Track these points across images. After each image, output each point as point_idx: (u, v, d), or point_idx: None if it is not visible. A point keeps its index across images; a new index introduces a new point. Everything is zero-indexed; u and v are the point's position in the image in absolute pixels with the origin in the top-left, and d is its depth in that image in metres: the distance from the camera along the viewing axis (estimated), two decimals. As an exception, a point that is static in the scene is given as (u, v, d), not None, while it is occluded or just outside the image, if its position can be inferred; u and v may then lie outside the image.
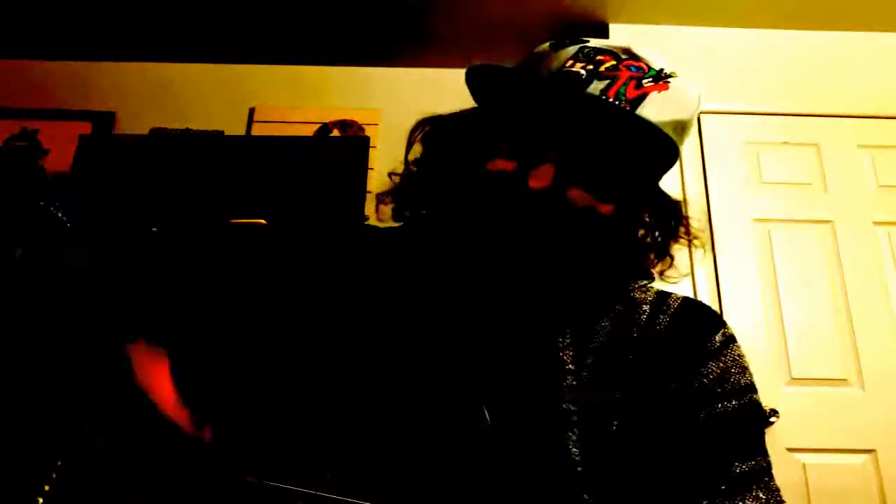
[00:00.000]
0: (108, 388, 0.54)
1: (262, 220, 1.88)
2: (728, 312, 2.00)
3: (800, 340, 1.99)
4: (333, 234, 0.73)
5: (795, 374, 1.96)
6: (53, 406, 0.56)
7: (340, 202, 2.15)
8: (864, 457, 1.87)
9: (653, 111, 0.61)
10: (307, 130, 2.49)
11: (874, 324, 2.00)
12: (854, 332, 1.99)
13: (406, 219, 0.73)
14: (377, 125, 2.49)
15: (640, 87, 0.61)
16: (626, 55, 0.64)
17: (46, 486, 0.51)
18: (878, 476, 1.85)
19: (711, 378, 0.65)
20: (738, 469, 0.62)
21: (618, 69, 0.62)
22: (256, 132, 2.49)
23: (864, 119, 2.26)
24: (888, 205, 2.15)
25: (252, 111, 2.54)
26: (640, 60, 0.63)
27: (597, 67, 0.62)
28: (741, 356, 0.68)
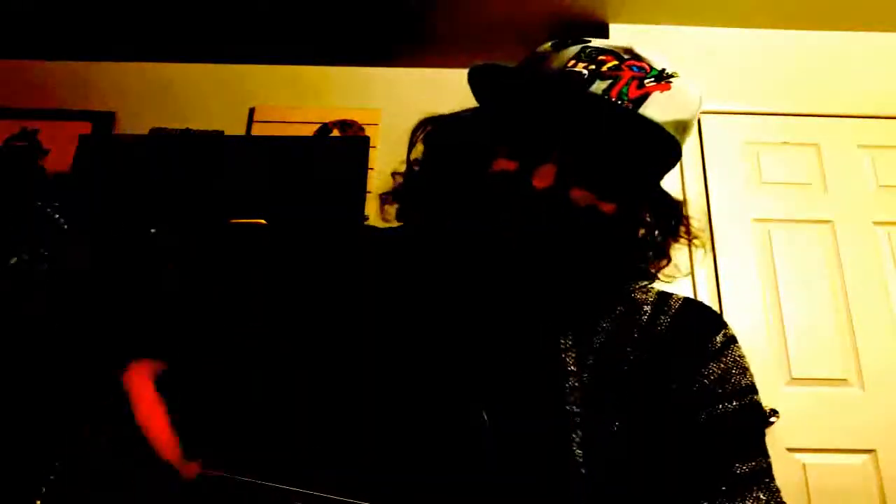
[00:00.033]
0: (101, 420, 0.53)
1: (262, 220, 1.88)
2: (728, 312, 2.00)
3: (800, 340, 1.99)
4: (333, 234, 0.73)
5: (795, 374, 1.96)
6: (52, 406, 0.56)
7: (340, 202, 2.15)
8: (864, 457, 1.87)
9: (655, 111, 0.61)
10: (307, 130, 2.49)
11: (874, 324, 2.00)
12: (854, 332, 1.99)
13: (410, 218, 0.73)
14: (377, 125, 2.49)
15: (643, 87, 0.61)
16: (629, 55, 0.64)
17: (44, 488, 0.51)
18: (878, 476, 1.85)
19: (712, 379, 0.65)
20: (739, 470, 0.62)
21: (620, 69, 0.62)
22: (256, 132, 2.49)
23: (864, 119, 2.26)
24: (888, 205, 2.15)
25: (252, 111, 2.54)
26: (643, 60, 0.63)
27: (599, 67, 0.62)
28: (742, 357, 0.68)
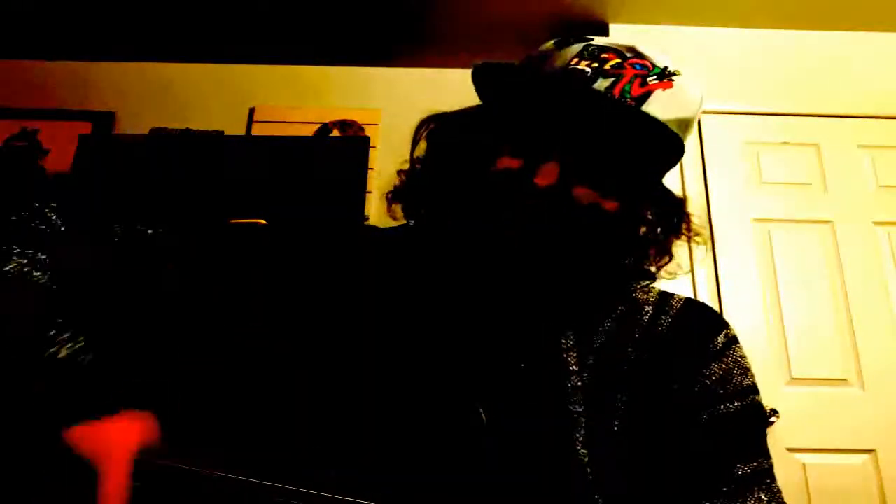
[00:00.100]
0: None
1: (262, 220, 1.88)
2: (728, 312, 1.99)
3: (800, 340, 1.99)
4: (333, 234, 0.73)
5: (795, 374, 1.96)
6: (52, 406, 0.56)
7: (340, 202, 2.15)
8: (864, 457, 1.87)
9: (657, 109, 0.61)
10: (307, 130, 2.49)
11: (874, 324, 2.00)
12: (854, 332, 1.99)
13: (416, 216, 0.73)
14: (377, 125, 2.49)
15: (645, 85, 0.61)
16: (631, 53, 0.64)
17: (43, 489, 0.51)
18: (878, 476, 1.85)
19: (713, 379, 0.65)
20: (740, 470, 0.62)
21: (622, 67, 0.62)
22: (256, 132, 2.49)
23: (864, 119, 2.26)
24: (888, 205, 2.15)
25: (252, 111, 2.54)
26: (645, 58, 0.64)
27: (602, 65, 0.62)
28: (743, 357, 0.68)
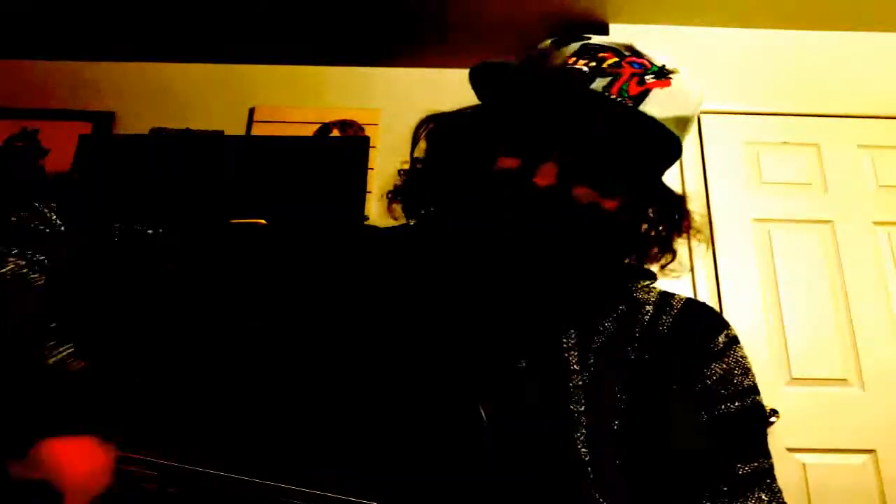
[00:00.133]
0: None
1: (262, 220, 1.88)
2: (728, 312, 1.99)
3: (800, 340, 1.99)
4: (333, 234, 0.73)
5: (795, 374, 1.96)
6: (52, 407, 0.56)
7: (340, 202, 2.15)
8: (864, 457, 1.87)
9: (655, 108, 0.61)
10: (307, 130, 2.49)
11: (874, 324, 2.00)
12: (854, 332, 1.99)
13: (416, 215, 0.73)
14: (377, 125, 2.49)
15: (643, 84, 0.61)
16: (629, 52, 0.64)
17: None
18: (878, 476, 1.85)
19: (714, 379, 0.65)
20: (741, 470, 0.62)
21: (620, 66, 0.62)
22: (256, 132, 2.49)
23: (864, 119, 2.26)
24: (888, 205, 2.15)
25: (252, 111, 2.54)
26: (643, 57, 0.64)
27: (599, 64, 0.62)
28: (744, 358, 0.68)
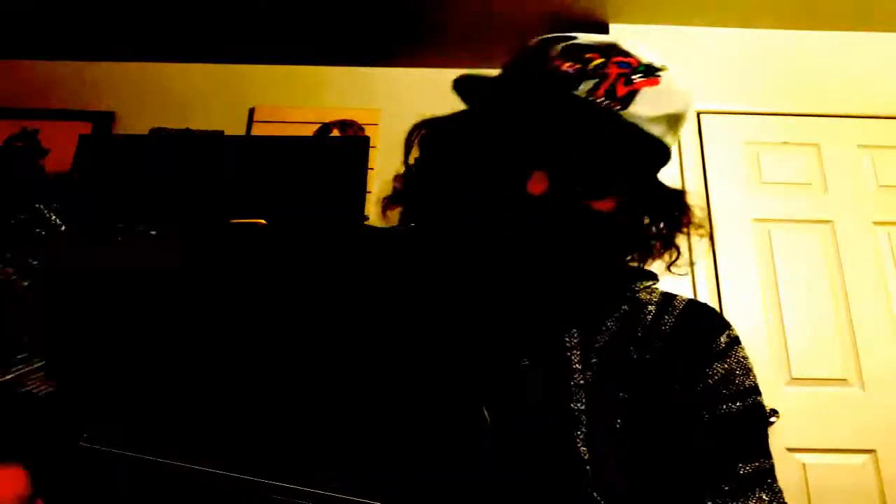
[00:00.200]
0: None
1: (262, 220, 1.88)
2: (728, 312, 2.00)
3: (800, 340, 1.99)
4: (333, 234, 0.73)
5: (795, 374, 1.96)
6: (52, 406, 0.56)
7: (340, 202, 2.15)
8: (864, 457, 1.87)
9: (645, 107, 0.60)
10: (307, 130, 2.49)
11: (874, 324, 2.00)
12: (854, 332, 1.99)
13: (412, 222, 0.73)
14: (377, 125, 2.49)
15: (630, 84, 0.61)
16: (615, 51, 0.63)
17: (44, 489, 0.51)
18: (878, 476, 1.85)
19: (716, 379, 0.65)
20: (742, 470, 0.62)
21: (607, 66, 0.61)
22: (256, 132, 2.49)
23: (864, 119, 2.26)
24: (888, 205, 2.15)
25: (252, 111, 2.54)
26: (630, 56, 0.63)
27: (585, 66, 0.61)
28: (745, 358, 0.68)
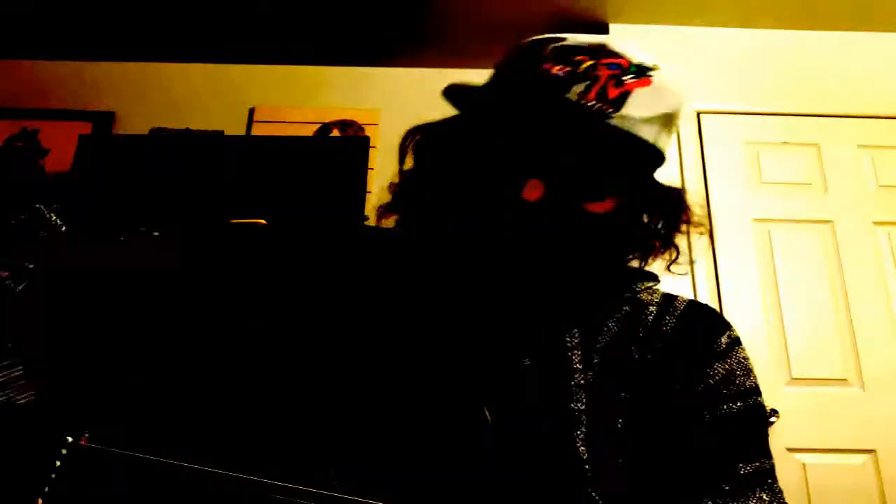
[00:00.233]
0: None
1: (262, 220, 1.88)
2: (728, 312, 1.99)
3: (800, 340, 1.99)
4: (333, 235, 0.73)
5: (795, 374, 1.96)
6: (53, 406, 0.56)
7: (340, 202, 2.15)
8: (864, 457, 1.87)
9: (638, 108, 0.60)
10: (307, 130, 2.49)
11: (874, 324, 2.00)
12: (854, 332, 1.99)
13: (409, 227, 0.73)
14: (377, 125, 2.49)
15: (621, 86, 0.59)
16: (604, 52, 0.61)
17: (46, 488, 0.51)
18: (878, 476, 1.85)
19: (717, 379, 0.65)
20: (743, 470, 0.62)
21: (597, 68, 0.60)
22: (256, 132, 2.49)
23: (864, 119, 2.26)
24: (888, 205, 2.15)
25: (252, 111, 2.54)
26: (620, 56, 0.61)
27: (575, 68, 0.60)
28: (746, 359, 0.68)
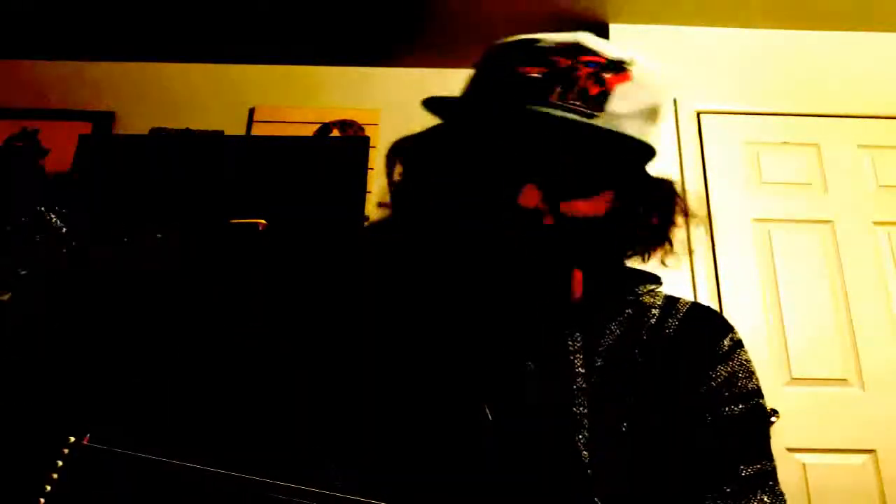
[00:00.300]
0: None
1: (262, 220, 1.88)
2: (728, 312, 1.99)
3: (800, 340, 1.99)
4: (333, 235, 0.73)
5: (795, 374, 1.96)
6: (54, 407, 0.56)
7: (340, 202, 2.15)
8: (864, 457, 1.87)
9: (621, 104, 0.60)
10: (307, 130, 2.49)
11: (874, 324, 2.00)
12: (854, 332, 1.99)
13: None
14: (377, 125, 2.49)
15: (602, 83, 0.59)
16: (581, 51, 0.61)
17: (48, 487, 0.51)
18: (878, 476, 1.85)
19: (719, 382, 0.66)
20: (744, 472, 0.62)
21: (575, 68, 0.60)
22: (256, 132, 2.49)
23: (864, 119, 2.26)
24: (888, 205, 2.15)
25: (252, 111, 2.54)
26: (596, 54, 0.61)
27: (553, 69, 0.60)
28: (748, 361, 0.69)
